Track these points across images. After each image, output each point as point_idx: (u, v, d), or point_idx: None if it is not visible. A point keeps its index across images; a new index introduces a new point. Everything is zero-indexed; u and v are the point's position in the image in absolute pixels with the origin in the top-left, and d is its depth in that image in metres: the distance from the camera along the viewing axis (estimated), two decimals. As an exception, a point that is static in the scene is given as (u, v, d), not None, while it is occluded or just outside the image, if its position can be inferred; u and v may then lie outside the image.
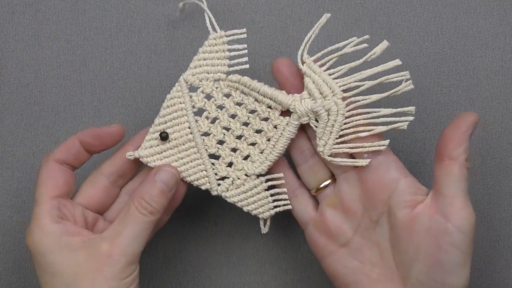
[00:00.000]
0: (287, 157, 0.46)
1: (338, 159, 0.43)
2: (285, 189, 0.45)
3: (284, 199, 0.45)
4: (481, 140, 0.51)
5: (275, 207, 0.45)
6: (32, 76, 0.50)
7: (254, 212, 0.45)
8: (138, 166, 0.45)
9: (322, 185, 0.45)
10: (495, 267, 0.51)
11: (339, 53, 0.43)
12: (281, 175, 0.45)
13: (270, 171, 0.45)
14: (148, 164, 0.44)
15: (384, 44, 0.42)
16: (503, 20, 0.50)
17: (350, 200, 0.43)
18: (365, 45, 0.42)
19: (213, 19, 0.44)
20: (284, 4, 0.50)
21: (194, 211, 0.51)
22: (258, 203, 0.45)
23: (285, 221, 0.50)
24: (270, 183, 0.45)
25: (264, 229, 0.46)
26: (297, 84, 0.43)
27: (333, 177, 0.45)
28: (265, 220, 0.46)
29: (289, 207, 0.46)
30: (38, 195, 0.41)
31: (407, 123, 0.42)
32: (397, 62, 0.42)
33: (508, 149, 0.51)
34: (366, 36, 0.42)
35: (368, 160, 0.42)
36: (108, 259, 0.39)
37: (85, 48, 0.50)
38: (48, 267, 0.39)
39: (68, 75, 0.51)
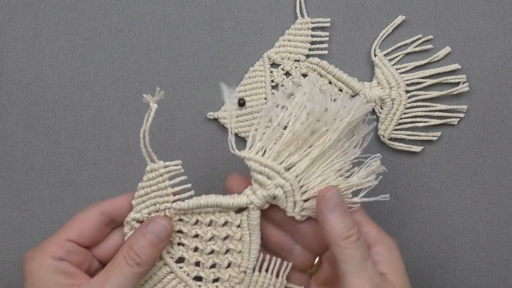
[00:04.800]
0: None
1: (395, 143, 0.49)
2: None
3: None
4: (481, 140, 0.51)
5: None
6: (32, 76, 0.50)
7: None
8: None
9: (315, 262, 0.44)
10: (495, 267, 0.51)
11: (405, 51, 0.50)
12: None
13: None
14: (225, 125, 0.49)
15: (447, 49, 0.49)
16: (503, 20, 0.50)
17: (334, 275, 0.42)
18: (430, 46, 0.49)
19: (303, 5, 0.49)
20: (284, 4, 0.50)
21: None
22: None
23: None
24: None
25: None
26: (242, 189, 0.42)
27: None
28: None
29: None
30: (61, 228, 0.40)
31: (458, 119, 0.50)
32: (456, 66, 0.49)
33: (508, 149, 0.51)
34: (430, 36, 0.50)
35: (421, 148, 0.49)
36: None
37: (85, 48, 0.50)
38: None
39: (68, 75, 0.51)
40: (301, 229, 0.43)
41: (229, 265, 0.42)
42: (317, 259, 0.44)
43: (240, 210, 0.42)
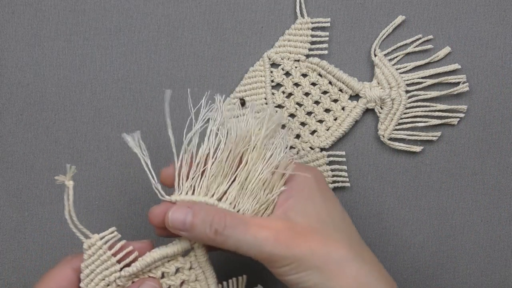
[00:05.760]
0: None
1: (395, 143, 0.49)
2: (345, 167, 0.49)
3: (343, 176, 0.49)
4: (481, 140, 0.51)
5: (334, 182, 0.49)
6: (32, 76, 0.50)
7: None
8: None
9: None
10: (495, 267, 0.51)
11: (405, 51, 0.50)
12: (343, 153, 0.49)
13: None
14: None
15: (447, 49, 0.49)
16: (503, 20, 0.50)
17: None
18: (430, 46, 0.50)
19: (303, 5, 0.49)
20: (284, 4, 0.50)
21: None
22: None
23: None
24: (331, 158, 0.49)
25: None
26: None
27: None
28: None
29: (347, 184, 0.49)
30: None
31: (458, 119, 0.50)
32: (456, 66, 0.49)
33: (508, 149, 0.51)
34: (430, 36, 0.50)
35: (421, 148, 0.49)
36: None
37: (85, 48, 0.50)
38: None
39: (68, 75, 0.51)
40: None
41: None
42: None
43: (186, 252, 0.41)
